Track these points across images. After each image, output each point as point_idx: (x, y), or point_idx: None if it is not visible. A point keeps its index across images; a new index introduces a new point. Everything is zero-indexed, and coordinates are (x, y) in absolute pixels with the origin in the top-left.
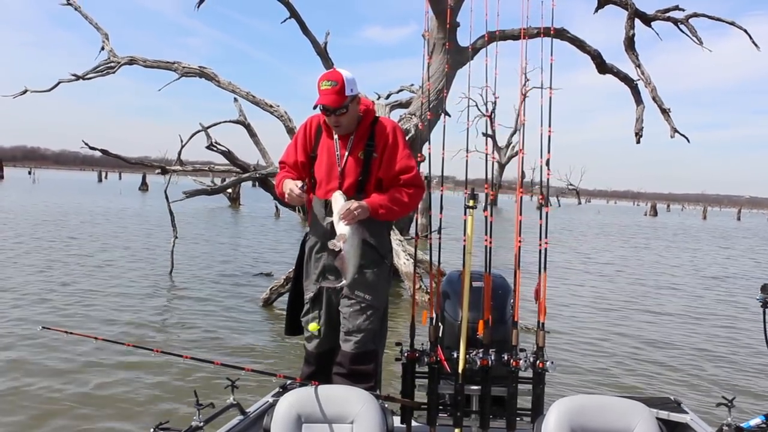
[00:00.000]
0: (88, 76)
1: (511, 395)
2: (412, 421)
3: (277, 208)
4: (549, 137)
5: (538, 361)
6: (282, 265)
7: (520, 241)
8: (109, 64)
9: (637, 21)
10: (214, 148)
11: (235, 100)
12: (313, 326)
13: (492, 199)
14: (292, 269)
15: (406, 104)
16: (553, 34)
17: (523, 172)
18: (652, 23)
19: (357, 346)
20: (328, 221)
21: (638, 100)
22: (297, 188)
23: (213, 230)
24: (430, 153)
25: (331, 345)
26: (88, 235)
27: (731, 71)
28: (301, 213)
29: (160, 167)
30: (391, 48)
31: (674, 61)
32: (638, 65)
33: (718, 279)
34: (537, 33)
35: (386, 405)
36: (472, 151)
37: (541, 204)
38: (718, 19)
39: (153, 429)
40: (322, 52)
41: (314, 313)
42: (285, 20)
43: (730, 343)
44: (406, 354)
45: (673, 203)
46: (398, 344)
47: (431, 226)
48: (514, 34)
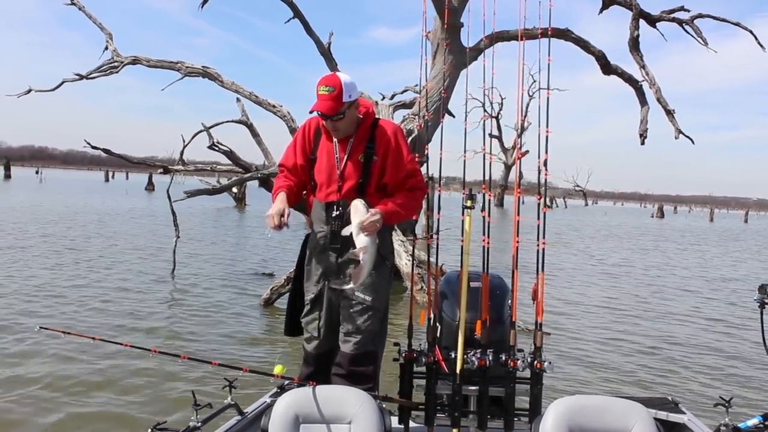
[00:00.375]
0: (91, 75)
1: (509, 395)
2: (410, 422)
3: None
4: (547, 137)
5: (535, 362)
6: (285, 265)
7: (518, 242)
8: (112, 64)
9: (643, 22)
10: (216, 148)
11: (237, 100)
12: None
13: (498, 200)
14: (293, 269)
15: (409, 105)
16: (551, 35)
17: (521, 173)
18: (657, 24)
19: (357, 347)
20: (347, 232)
21: (643, 101)
22: (278, 218)
23: (218, 230)
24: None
25: (331, 346)
26: (93, 235)
27: (739, 72)
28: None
29: (163, 167)
30: (398, 49)
31: (681, 62)
32: (643, 66)
33: (720, 281)
34: (536, 34)
35: (384, 405)
36: (478, 152)
37: (546, 205)
38: (723, 20)
39: (151, 429)
40: (326, 53)
41: (315, 314)
42: (289, 20)
43: (728, 343)
44: (403, 354)
45: (681, 205)
46: (396, 344)
47: (434, 227)
48: (514, 36)
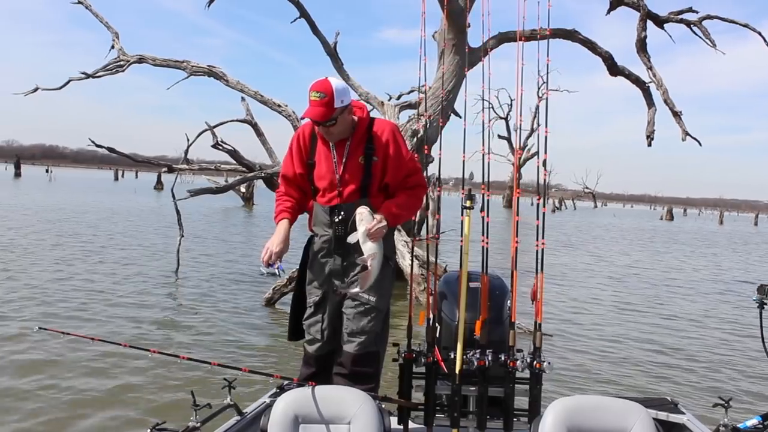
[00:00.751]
0: (97, 74)
1: (508, 396)
2: (410, 422)
3: None
4: (546, 138)
5: (535, 362)
6: (289, 265)
7: (518, 242)
8: (118, 63)
9: (651, 24)
10: (220, 147)
11: (242, 99)
12: None
13: (507, 202)
14: (295, 269)
15: (415, 105)
16: (557, 36)
17: (521, 173)
18: (665, 25)
19: (360, 347)
20: (353, 239)
21: (650, 102)
22: (275, 257)
23: (225, 229)
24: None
25: (332, 347)
26: (96, 234)
27: (751, 74)
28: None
29: (167, 166)
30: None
31: (692, 64)
32: (650, 67)
33: (723, 282)
34: (542, 35)
35: (383, 405)
36: (486, 154)
37: (556, 207)
38: (732, 21)
39: (150, 429)
40: (332, 52)
41: (318, 317)
42: (295, 20)
43: (728, 343)
44: (403, 354)
45: (690, 207)
46: (395, 345)
47: (435, 228)
48: (512, 37)
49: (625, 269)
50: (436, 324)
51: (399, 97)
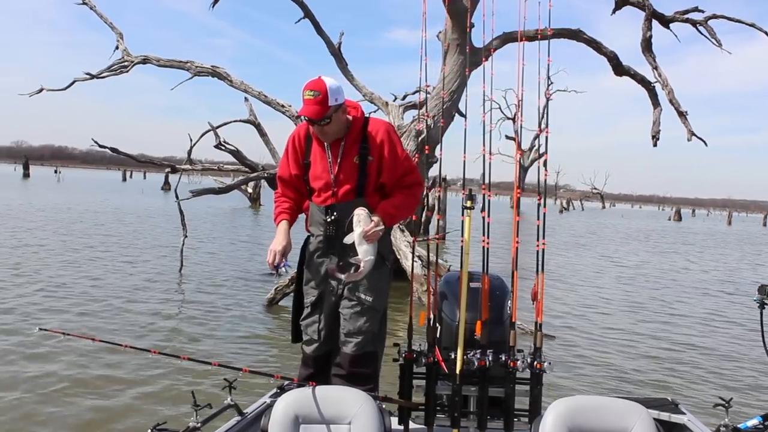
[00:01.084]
0: (102, 75)
1: (509, 396)
2: (410, 422)
3: None
4: (546, 138)
5: (535, 362)
6: (293, 266)
7: (518, 242)
8: (122, 64)
9: (656, 23)
10: (222, 147)
11: (245, 99)
12: None
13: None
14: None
15: (420, 105)
16: (562, 36)
17: (521, 174)
18: (671, 25)
19: (357, 348)
20: (349, 240)
21: (655, 102)
22: (279, 257)
23: (231, 230)
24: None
25: (330, 348)
26: (100, 233)
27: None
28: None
29: (170, 166)
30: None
31: (701, 64)
32: (655, 67)
33: (728, 282)
34: (545, 35)
35: (384, 406)
36: (495, 154)
37: (563, 208)
38: (738, 21)
39: (151, 429)
40: (336, 53)
41: (315, 317)
42: (299, 20)
43: (728, 344)
44: (403, 355)
45: (699, 208)
46: (396, 345)
47: (446, 228)
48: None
49: (631, 270)
50: (437, 324)
51: (404, 98)
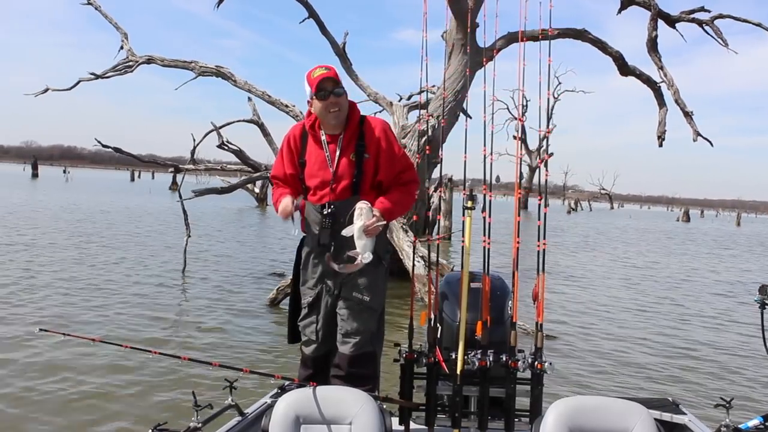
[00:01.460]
0: (107, 75)
1: (510, 396)
2: (411, 423)
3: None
4: (546, 138)
5: (536, 363)
6: (287, 267)
7: (519, 242)
8: (127, 64)
9: (662, 23)
10: (225, 147)
11: (249, 99)
12: None
13: (523, 203)
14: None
15: (424, 105)
16: (566, 35)
17: (522, 173)
18: (677, 25)
19: (355, 348)
20: (348, 233)
21: (661, 102)
22: (291, 204)
23: (237, 230)
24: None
25: (328, 348)
26: (104, 232)
27: None
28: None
29: (174, 166)
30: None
31: (711, 64)
32: (661, 67)
33: (734, 283)
34: (543, 35)
35: (384, 406)
36: (503, 155)
37: (571, 208)
38: (744, 21)
39: (151, 430)
40: (341, 53)
41: (312, 318)
42: (303, 20)
43: (729, 344)
44: (404, 355)
45: (708, 209)
46: (396, 345)
47: (450, 228)
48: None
49: (637, 270)
50: (438, 324)
51: (410, 98)
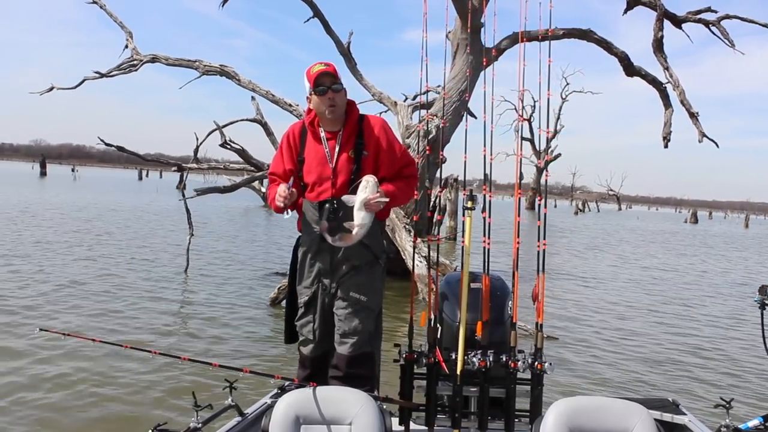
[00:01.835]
0: (112, 73)
1: (510, 396)
2: (411, 423)
3: None
4: (547, 138)
5: (536, 363)
6: (283, 266)
7: (519, 242)
8: (132, 62)
9: (669, 24)
10: (228, 146)
11: (252, 98)
12: None
13: (530, 203)
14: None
15: (428, 105)
16: (572, 36)
17: (521, 173)
18: (683, 25)
19: (353, 348)
20: (350, 202)
21: (667, 103)
22: (284, 187)
23: (242, 229)
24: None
25: (326, 348)
26: (108, 231)
27: None
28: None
29: (177, 165)
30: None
31: (720, 65)
32: (666, 68)
33: (737, 285)
34: (558, 35)
35: (384, 406)
36: (510, 155)
37: (579, 209)
38: (751, 21)
39: (151, 430)
40: (346, 53)
41: (309, 317)
42: (308, 19)
43: (729, 344)
44: (404, 355)
45: (716, 211)
46: (396, 345)
47: (456, 229)
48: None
49: (643, 271)
50: (438, 325)
51: (415, 98)
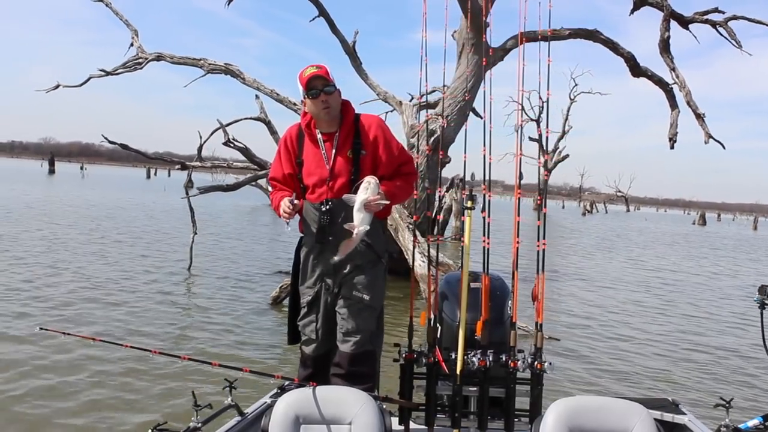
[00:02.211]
0: (117, 71)
1: (509, 396)
2: (410, 423)
3: None
4: (547, 138)
5: (536, 363)
6: (286, 266)
7: (519, 242)
8: (137, 60)
9: (675, 24)
10: (231, 145)
11: (256, 97)
12: None
13: (537, 204)
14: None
15: (433, 105)
16: (579, 36)
17: (521, 173)
18: (690, 26)
19: (356, 346)
20: (350, 201)
21: (673, 104)
22: (288, 202)
23: (248, 227)
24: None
25: (328, 348)
26: (110, 229)
27: None
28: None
29: (180, 163)
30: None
31: (729, 67)
32: (673, 68)
33: (745, 287)
34: (563, 35)
35: (384, 406)
36: (517, 155)
37: (587, 210)
38: (758, 22)
39: (151, 430)
40: (351, 52)
41: (312, 317)
42: (313, 18)
43: (729, 344)
44: (404, 355)
45: (725, 212)
46: (396, 345)
47: (462, 229)
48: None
49: (647, 272)
50: (437, 324)
51: (421, 97)
